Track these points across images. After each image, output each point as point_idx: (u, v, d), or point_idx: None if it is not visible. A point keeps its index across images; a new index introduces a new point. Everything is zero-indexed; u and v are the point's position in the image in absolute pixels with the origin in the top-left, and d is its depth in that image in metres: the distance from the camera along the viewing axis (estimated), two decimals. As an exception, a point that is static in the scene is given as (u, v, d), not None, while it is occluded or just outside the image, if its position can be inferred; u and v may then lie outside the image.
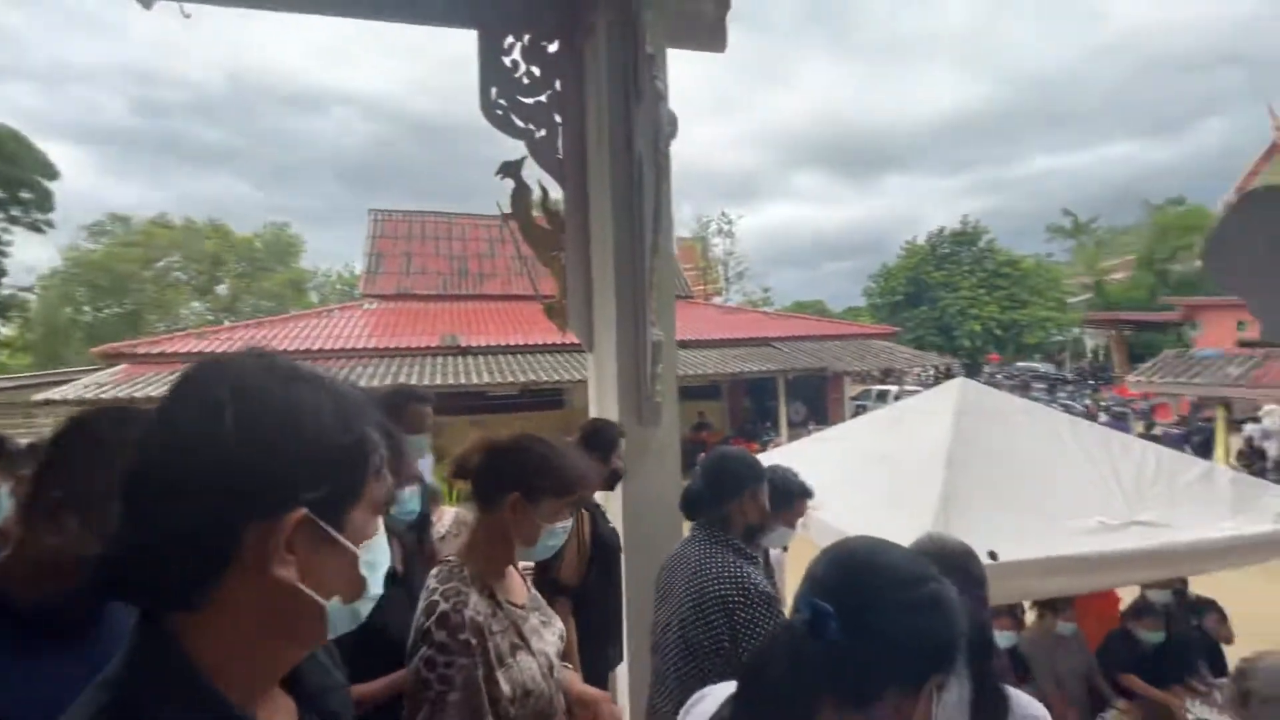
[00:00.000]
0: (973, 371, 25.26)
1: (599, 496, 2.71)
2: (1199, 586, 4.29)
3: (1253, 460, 11.01)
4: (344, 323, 14.00)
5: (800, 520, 2.61)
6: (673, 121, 2.05)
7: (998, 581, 2.67)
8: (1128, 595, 4.17)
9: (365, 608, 0.66)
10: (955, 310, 30.24)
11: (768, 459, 5.28)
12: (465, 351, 12.73)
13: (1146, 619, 3.84)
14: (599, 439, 2.43)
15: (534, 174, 2.96)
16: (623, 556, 2.59)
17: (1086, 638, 3.90)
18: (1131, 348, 23.67)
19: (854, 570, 0.81)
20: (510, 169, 2.88)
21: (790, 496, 2.47)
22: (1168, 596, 4.11)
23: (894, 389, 17.50)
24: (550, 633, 1.47)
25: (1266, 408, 13.28)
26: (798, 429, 13.27)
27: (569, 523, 1.46)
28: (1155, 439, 9.53)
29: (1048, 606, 3.83)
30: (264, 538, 0.57)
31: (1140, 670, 3.78)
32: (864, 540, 0.86)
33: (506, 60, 2.78)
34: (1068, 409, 12.51)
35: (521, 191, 2.92)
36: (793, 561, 3.35)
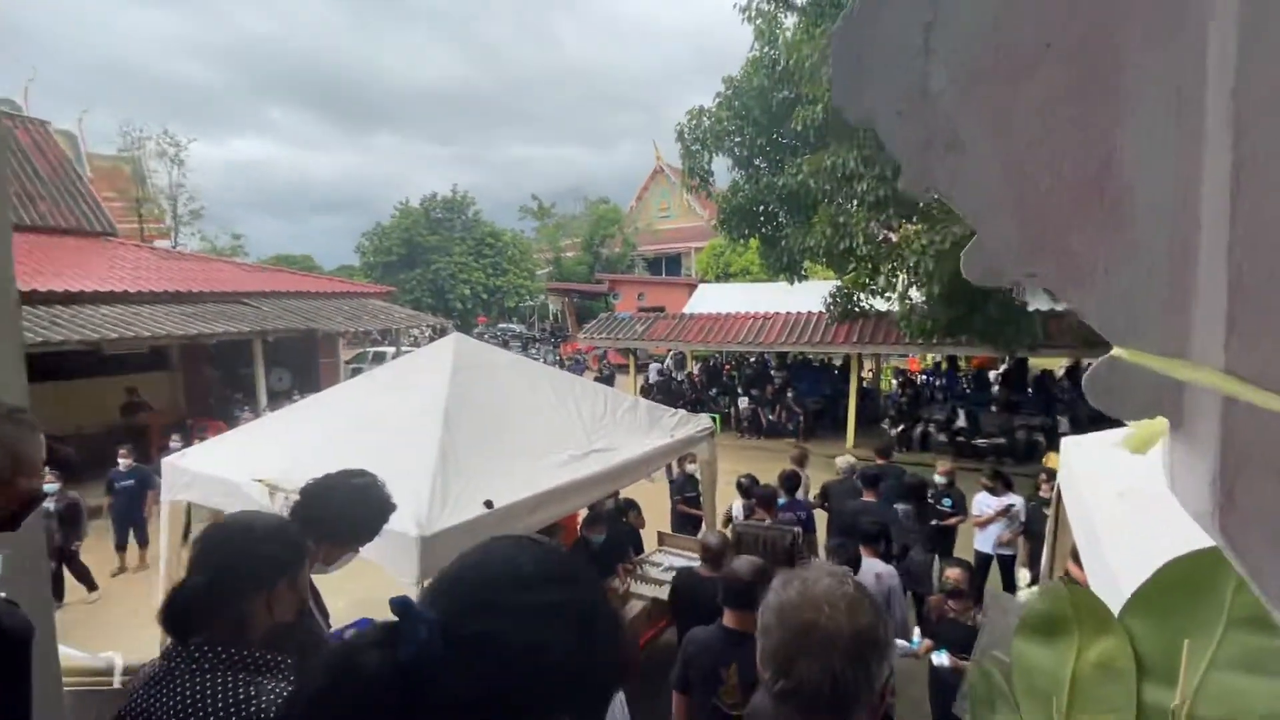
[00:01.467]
0: (464, 331, 27.41)
1: None
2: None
3: (649, 391, 15.43)
4: None
5: None
6: None
7: (496, 528, 2.76)
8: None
9: None
10: (448, 274, 32.83)
11: (223, 444, 4.23)
12: None
13: (596, 525, 4.75)
14: None
15: None
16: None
17: (559, 553, 4.57)
18: (580, 312, 29.92)
19: (463, 567, 0.66)
20: None
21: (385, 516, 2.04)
22: (611, 503, 5.20)
23: (390, 350, 17.26)
24: None
25: (669, 352, 19.01)
26: (280, 399, 11.53)
27: None
28: (607, 380, 12.34)
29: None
30: None
31: (594, 567, 4.66)
32: (493, 539, 0.72)
33: None
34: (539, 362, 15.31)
35: None
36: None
